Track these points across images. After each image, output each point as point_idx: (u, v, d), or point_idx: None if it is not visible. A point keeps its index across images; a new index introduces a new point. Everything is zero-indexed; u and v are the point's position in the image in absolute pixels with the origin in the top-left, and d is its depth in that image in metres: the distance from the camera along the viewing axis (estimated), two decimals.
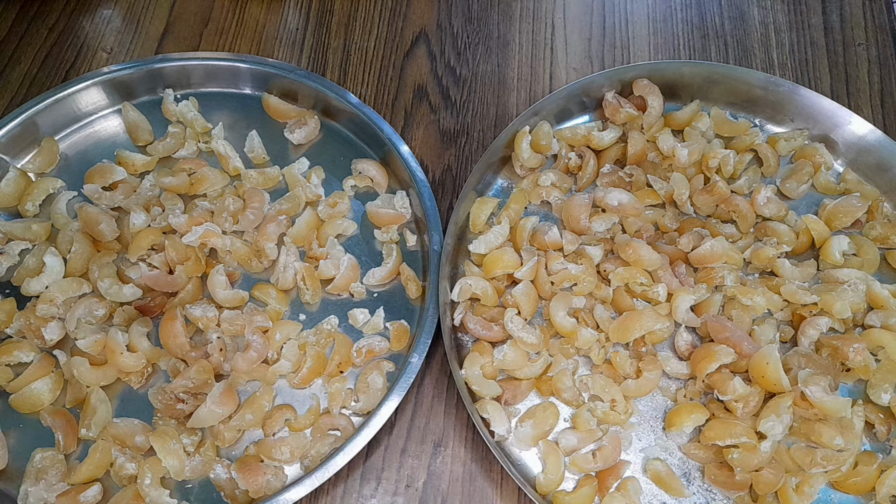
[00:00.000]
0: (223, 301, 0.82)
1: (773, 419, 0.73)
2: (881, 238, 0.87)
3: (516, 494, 0.77)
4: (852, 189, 0.90)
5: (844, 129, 0.92)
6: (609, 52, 1.06)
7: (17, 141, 0.91)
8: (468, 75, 1.03)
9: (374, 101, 1.00)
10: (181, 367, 0.78)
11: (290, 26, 1.07)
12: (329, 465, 0.72)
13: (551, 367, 0.80)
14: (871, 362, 0.78)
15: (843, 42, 1.06)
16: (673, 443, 0.78)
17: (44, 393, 0.77)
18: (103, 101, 0.95)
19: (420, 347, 0.78)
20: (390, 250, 0.86)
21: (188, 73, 0.96)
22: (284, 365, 0.79)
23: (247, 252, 0.85)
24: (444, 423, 0.80)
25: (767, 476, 0.73)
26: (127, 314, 0.81)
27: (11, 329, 0.81)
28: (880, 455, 0.76)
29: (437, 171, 0.95)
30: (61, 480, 0.73)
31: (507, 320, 0.79)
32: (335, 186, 0.92)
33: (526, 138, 0.90)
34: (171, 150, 0.93)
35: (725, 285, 0.83)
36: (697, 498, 0.75)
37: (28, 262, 0.84)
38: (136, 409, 0.78)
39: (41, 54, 1.03)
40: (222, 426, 0.76)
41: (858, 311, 0.82)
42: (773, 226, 0.87)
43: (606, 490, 0.74)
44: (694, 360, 0.79)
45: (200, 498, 0.74)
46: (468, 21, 1.08)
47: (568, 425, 0.79)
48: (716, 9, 1.09)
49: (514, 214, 0.88)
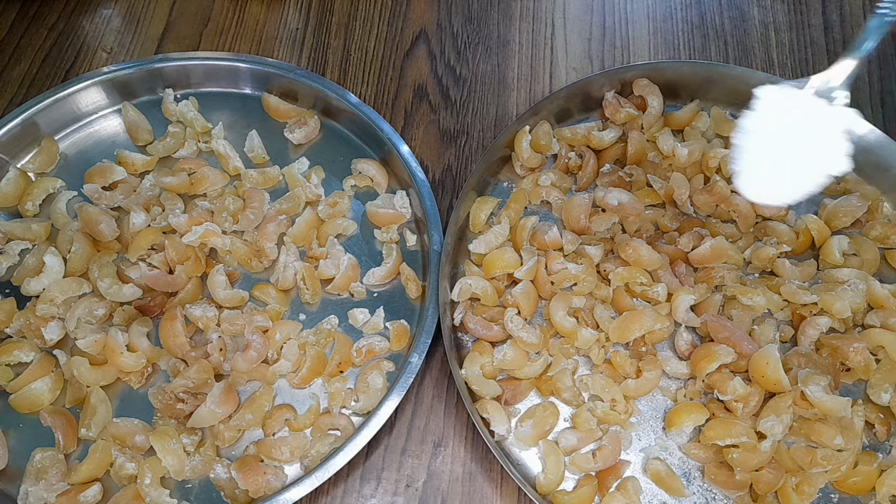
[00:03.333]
0: (223, 301, 0.82)
1: (773, 419, 0.73)
2: (881, 238, 0.87)
3: (516, 494, 0.77)
4: (852, 189, 0.90)
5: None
6: (609, 52, 1.06)
7: (17, 141, 0.91)
8: (468, 75, 1.03)
9: (374, 101, 1.00)
10: (181, 366, 0.78)
11: (290, 26, 1.07)
12: (329, 465, 0.72)
13: (551, 367, 0.80)
14: (871, 362, 0.78)
15: (843, 41, 1.06)
16: (673, 443, 0.78)
17: (44, 393, 0.77)
18: (103, 101, 0.95)
19: (420, 347, 0.78)
20: (390, 250, 0.86)
21: (188, 72, 0.96)
22: (284, 365, 0.79)
23: (247, 252, 0.85)
24: (444, 422, 0.80)
25: (767, 476, 0.73)
26: (127, 314, 0.81)
27: (11, 329, 0.81)
28: (880, 455, 0.76)
29: (437, 171, 0.95)
30: (61, 480, 0.73)
31: (507, 320, 0.79)
32: (335, 186, 0.92)
33: (526, 138, 0.90)
34: (171, 149, 0.93)
35: (725, 285, 0.83)
36: (697, 498, 0.75)
37: (28, 261, 0.84)
38: (136, 409, 0.78)
39: (41, 54, 1.03)
40: (222, 426, 0.76)
41: (858, 310, 0.82)
42: (773, 225, 0.87)
43: (606, 490, 0.74)
44: (694, 360, 0.79)
45: (200, 498, 0.74)
46: (468, 21, 1.08)
47: (568, 425, 0.79)
48: (716, 8, 1.09)
49: (514, 214, 0.88)
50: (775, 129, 0.62)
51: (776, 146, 0.63)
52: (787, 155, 0.63)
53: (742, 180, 0.65)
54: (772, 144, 0.63)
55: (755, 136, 0.63)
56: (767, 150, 0.63)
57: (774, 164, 0.63)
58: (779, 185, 0.64)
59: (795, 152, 0.62)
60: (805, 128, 0.62)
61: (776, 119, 0.63)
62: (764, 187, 0.64)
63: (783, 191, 0.64)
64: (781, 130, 0.62)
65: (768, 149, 0.63)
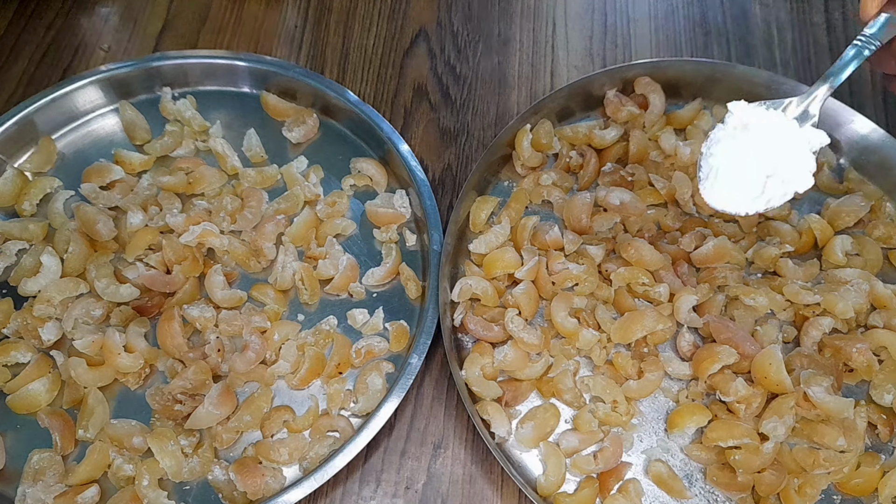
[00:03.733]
0: (221, 301, 0.82)
1: (776, 420, 0.73)
2: (884, 238, 0.87)
3: (517, 496, 0.76)
4: (855, 188, 0.90)
5: (847, 128, 0.91)
6: (610, 50, 1.05)
7: (15, 140, 0.90)
8: (468, 73, 1.03)
9: (374, 100, 1.00)
10: (179, 367, 0.78)
11: (289, 24, 1.06)
12: (328, 467, 0.71)
13: (552, 368, 0.79)
14: (874, 363, 0.78)
15: (845, 40, 1.05)
16: (675, 444, 0.77)
17: (41, 394, 0.77)
18: (101, 100, 0.95)
19: (420, 348, 0.77)
20: (389, 250, 0.86)
21: (186, 71, 0.96)
22: (283, 366, 0.79)
23: (245, 252, 0.84)
24: (444, 424, 0.80)
25: (770, 477, 0.73)
26: (124, 314, 0.81)
27: (8, 329, 0.80)
28: (883, 456, 0.76)
29: (436, 170, 0.95)
30: (59, 482, 0.73)
31: (508, 321, 0.78)
32: (334, 185, 0.92)
33: (527, 137, 0.90)
34: (169, 148, 0.92)
35: (728, 285, 0.82)
36: (699, 499, 0.75)
37: (25, 261, 0.84)
38: (134, 410, 0.78)
39: (38, 53, 1.03)
40: (220, 427, 0.75)
41: (861, 311, 0.81)
42: (775, 225, 0.87)
43: (608, 492, 0.74)
44: (696, 361, 0.78)
45: (198, 499, 0.74)
46: (468, 19, 1.07)
47: (569, 427, 0.78)
48: (718, 6, 1.09)
49: (514, 214, 0.88)
50: (744, 143, 0.65)
51: (742, 158, 0.65)
52: (752, 167, 0.65)
53: (705, 186, 0.67)
54: (738, 156, 0.65)
55: (723, 147, 0.66)
56: (733, 161, 0.65)
57: (739, 174, 0.65)
58: (742, 194, 0.66)
59: (761, 165, 0.65)
60: (773, 143, 0.65)
61: (746, 133, 0.65)
62: (726, 195, 0.66)
63: (744, 200, 0.66)
64: (749, 144, 0.65)
65: (734, 160, 0.65)
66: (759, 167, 0.64)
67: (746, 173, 0.64)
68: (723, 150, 0.65)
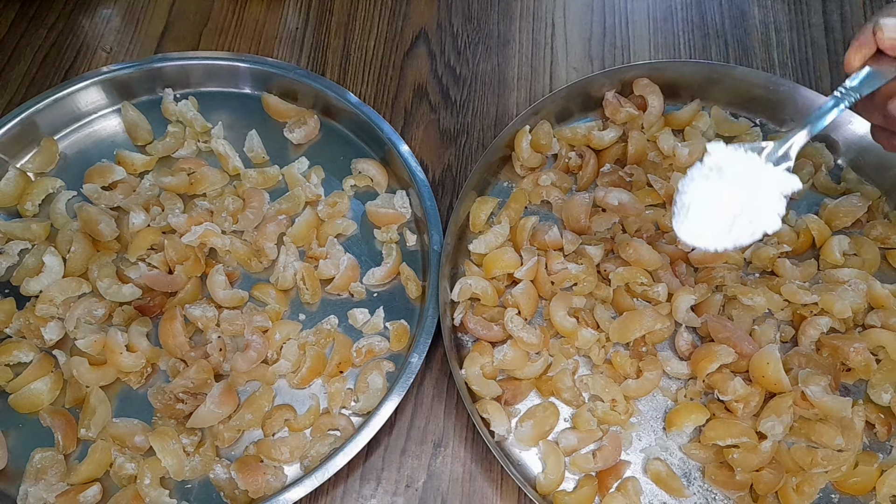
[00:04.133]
0: (223, 301, 0.82)
1: (774, 419, 0.73)
2: (882, 238, 0.87)
3: (516, 494, 0.77)
4: (853, 189, 0.90)
5: (845, 129, 0.91)
6: (609, 52, 1.05)
7: (17, 141, 0.90)
8: (468, 75, 1.03)
9: (374, 101, 1.00)
10: (181, 367, 0.78)
11: (290, 26, 1.07)
12: (329, 466, 0.72)
13: (551, 367, 0.80)
14: (872, 362, 0.78)
15: (843, 42, 1.05)
16: (673, 443, 0.78)
17: (43, 393, 0.77)
18: (103, 101, 0.95)
19: (420, 347, 0.78)
20: (390, 250, 0.86)
21: (188, 72, 0.96)
22: (284, 365, 0.79)
23: (246, 252, 0.85)
24: (444, 423, 0.80)
25: (768, 476, 0.73)
26: (126, 314, 0.81)
27: (11, 329, 0.81)
28: (881, 455, 0.76)
29: (437, 171, 0.95)
30: (61, 480, 0.73)
31: (508, 320, 0.79)
32: (335, 186, 0.92)
33: (526, 138, 0.90)
34: (171, 149, 0.92)
35: (726, 285, 0.83)
36: (698, 498, 0.75)
37: (27, 261, 0.84)
38: (136, 410, 0.78)
39: (40, 54, 1.03)
40: (222, 426, 0.76)
41: (859, 310, 0.82)
42: None
43: (607, 490, 0.74)
44: (694, 360, 0.79)
45: (200, 498, 0.74)
46: (468, 20, 1.08)
47: (568, 425, 0.79)
48: (716, 8, 1.09)
49: (514, 214, 0.88)
50: (716, 183, 0.66)
51: (712, 198, 0.66)
52: (721, 207, 0.66)
53: (677, 221, 0.69)
54: (709, 195, 0.67)
55: (696, 185, 0.67)
56: (704, 199, 0.67)
57: (708, 213, 0.67)
58: (712, 231, 0.67)
59: (728, 206, 0.66)
60: (743, 185, 0.66)
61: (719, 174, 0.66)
62: (696, 231, 0.68)
63: (714, 238, 0.67)
64: (721, 184, 0.66)
65: (705, 199, 0.67)
66: (727, 207, 0.66)
67: (716, 212, 0.66)
68: (695, 188, 0.67)
